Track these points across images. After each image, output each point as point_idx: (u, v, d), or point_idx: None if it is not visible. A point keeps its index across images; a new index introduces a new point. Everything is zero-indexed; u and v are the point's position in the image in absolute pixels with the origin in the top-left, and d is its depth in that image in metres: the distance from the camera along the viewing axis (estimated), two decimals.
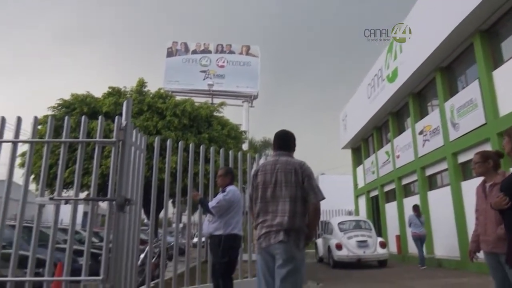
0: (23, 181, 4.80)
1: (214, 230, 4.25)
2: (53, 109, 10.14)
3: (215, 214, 4.28)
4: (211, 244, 4.41)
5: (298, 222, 2.83)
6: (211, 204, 4.32)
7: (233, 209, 4.30)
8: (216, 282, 4.19)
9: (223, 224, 4.21)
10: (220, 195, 4.42)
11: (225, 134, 11.32)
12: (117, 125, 4.61)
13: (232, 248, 4.19)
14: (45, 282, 4.23)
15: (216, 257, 4.22)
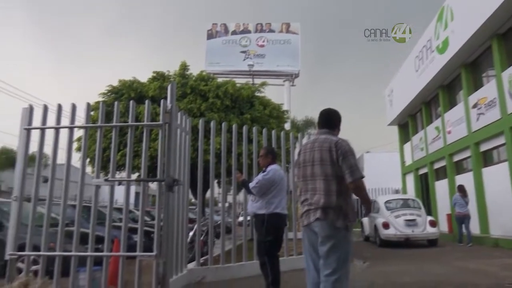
0: (80, 164, 5.13)
1: (257, 209, 4.31)
2: (103, 96, 10.64)
3: (256, 194, 4.33)
4: (256, 223, 4.49)
5: (336, 200, 2.79)
6: (251, 185, 4.37)
7: (275, 188, 4.32)
8: (262, 260, 4.28)
9: (265, 203, 4.25)
10: (260, 175, 4.46)
11: (267, 114, 11.31)
12: (163, 108, 4.78)
13: (276, 226, 4.24)
14: (105, 257, 4.56)
15: (261, 236, 4.29)
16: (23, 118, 4.98)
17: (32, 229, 4.67)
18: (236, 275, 5.54)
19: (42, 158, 4.95)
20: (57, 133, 4.89)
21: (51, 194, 4.80)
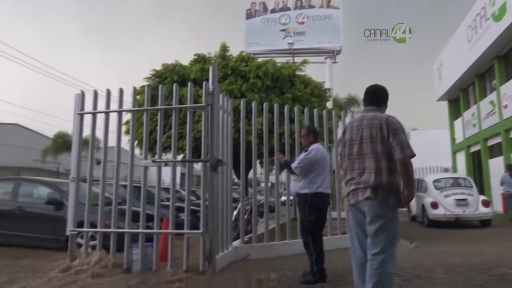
0: (129, 147, 5.38)
1: (300, 188, 4.31)
2: (147, 80, 10.97)
3: (298, 174, 4.32)
4: (298, 202, 4.50)
5: (386, 179, 2.72)
6: (293, 165, 4.35)
7: (317, 167, 4.28)
8: (305, 238, 4.30)
9: (307, 183, 4.24)
10: (302, 154, 4.43)
11: (309, 93, 11.13)
12: (205, 90, 4.86)
13: (318, 206, 4.23)
14: (155, 234, 4.81)
15: (304, 215, 4.31)
16: (76, 103, 5.28)
17: (89, 208, 5.02)
18: (280, 253, 5.64)
19: (94, 142, 5.25)
20: (107, 117, 5.15)
21: (104, 175, 5.11)
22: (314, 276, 4.03)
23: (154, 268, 4.62)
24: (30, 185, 7.36)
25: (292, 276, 4.36)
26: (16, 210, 6.69)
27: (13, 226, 6.57)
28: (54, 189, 6.96)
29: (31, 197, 7.06)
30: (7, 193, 7.06)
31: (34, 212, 6.63)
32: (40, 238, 6.36)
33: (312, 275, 4.06)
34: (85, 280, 4.22)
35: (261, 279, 4.25)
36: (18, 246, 6.40)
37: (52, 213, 6.39)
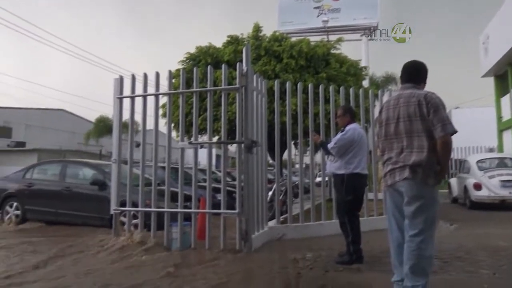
0: (167, 129, 5.53)
1: (336, 169, 4.26)
2: (182, 63, 11.10)
3: (335, 155, 4.26)
4: (335, 183, 4.46)
5: (425, 158, 2.62)
6: (330, 145, 4.29)
7: (354, 148, 4.21)
8: (341, 219, 4.28)
9: (344, 163, 4.18)
10: (338, 134, 4.35)
11: (344, 72, 10.84)
12: (239, 72, 4.86)
13: (355, 186, 4.18)
14: (193, 213, 4.96)
15: (341, 196, 4.27)
16: (115, 88, 5.47)
17: (130, 188, 5.24)
18: (315, 233, 5.66)
19: (134, 125, 5.44)
20: (145, 100, 5.29)
21: (144, 158, 5.30)
22: (351, 256, 4.02)
23: (193, 246, 4.79)
24: (76, 167, 7.77)
25: (328, 256, 4.37)
26: (64, 190, 7.11)
27: (61, 205, 7.00)
28: (97, 170, 7.31)
29: (77, 178, 7.46)
30: (56, 175, 7.50)
31: (80, 192, 7.02)
32: (86, 216, 6.74)
33: (348, 255, 4.05)
34: (129, 256, 4.46)
35: (297, 258, 4.30)
36: (66, 223, 6.82)
37: (96, 193, 6.73)
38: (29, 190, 7.33)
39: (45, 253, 4.73)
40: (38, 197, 7.23)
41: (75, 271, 3.89)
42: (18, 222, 7.09)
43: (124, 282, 3.51)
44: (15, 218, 7.17)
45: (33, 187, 7.35)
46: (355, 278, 3.50)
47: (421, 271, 2.57)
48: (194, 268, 4.07)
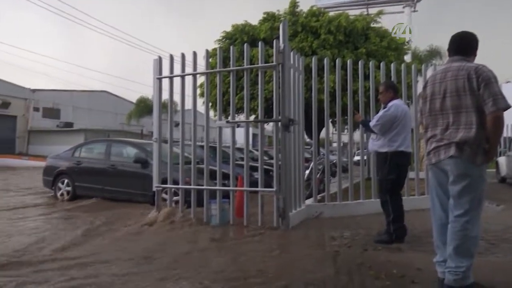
0: (204, 109, 5.61)
1: (379, 147, 4.14)
2: (218, 42, 11.10)
3: (377, 132, 4.14)
4: (377, 161, 4.36)
5: (474, 135, 2.48)
6: (372, 123, 4.17)
7: (398, 125, 4.06)
8: (383, 198, 4.18)
9: (387, 141, 4.05)
10: (380, 111, 4.21)
11: (385, 46, 10.40)
12: (275, 49, 4.80)
13: (399, 165, 4.06)
14: (231, 191, 5.07)
15: (383, 174, 4.16)
16: (154, 69, 5.58)
17: (171, 166, 5.42)
18: (353, 212, 5.61)
19: (173, 104, 5.56)
20: (183, 80, 5.38)
21: (183, 137, 5.43)
22: (390, 236, 3.96)
23: (231, 223, 4.92)
24: (119, 146, 8.12)
25: (366, 235, 4.33)
26: (109, 168, 7.48)
27: (107, 182, 7.38)
28: (140, 149, 7.60)
29: (121, 156, 7.81)
30: (101, 153, 7.89)
31: (124, 169, 7.35)
32: (130, 193, 7.07)
33: (388, 235, 3.99)
34: (171, 230, 4.67)
35: (334, 236, 4.30)
36: (112, 199, 7.20)
37: (139, 171, 7.02)
38: (78, 167, 7.78)
39: (96, 225, 5.04)
40: (86, 174, 7.66)
41: (122, 243, 4.12)
42: (70, 198, 7.57)
43: (168, 252, 3.70)
44: (66, 194, 7.66)
45: (81, 165, 7.78)
46: (394, 257, 3.46)
47: (466, 252, 2.48)
48: (233, 242, 4.20)
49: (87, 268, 3.24)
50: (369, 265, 3.21)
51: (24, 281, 2.91)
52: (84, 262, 3.41)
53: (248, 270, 3.19)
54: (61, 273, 3.12)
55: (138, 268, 3.26)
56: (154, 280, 2.95)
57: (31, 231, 4.80)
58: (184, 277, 3.01)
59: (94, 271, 3.18)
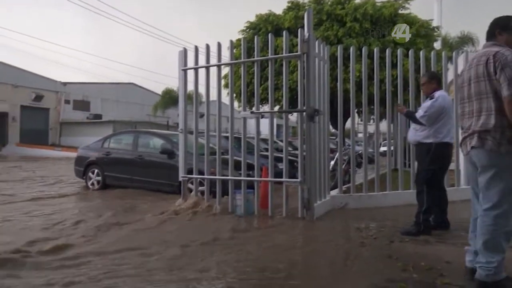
0: (229, 100, 5.63)
1: (423, 138, 4.02)
2: (242, 32, 11.08)
3: (425, 124, 4.03)
4: (418, 152, 4.22)
5: (493, 122, 2.36)
6: (419, 114, 4.05)
7: (445, 116, 3.97)
8: (420, 188, 4.07)
9: (433, 132, 3.95)
10: (427, 102, 4.08)
11: (413, 34, 10.09)
12: (300, 38, 4.74)
13: (442, 156, 3.97)
14: (255, 181, 5.10)
15: (424, 165, 4.05)
16: (179, 60, 5.64)
17: (196, 157, 5.50)
18: (379, 204, 5.52)
19: (198, 95, 5.61)
20: (208, 71, 5.41)
21: (208, 128, 5.49)
22: (418, 227, 3.87)
23: (256, 213, 4.96)
24: (146, 137, 8.29)
25: (392, 226, 4.27)
26: (137, 158, 7.66)
27: (135, 172, 7.57)
28: (166, 140, 7.73)
29: (148, 147, 7.98)
30: (129, 144, 8.09)
31: (151, 160, 7.52)
32: (157, 183, 7.23)
33: (416, 226, 3.90)
34: (196, 219, 4.76)
35: (360, 227, 4.27)
36: (139, 189, 7.38)
37: (165, 161, 7.16)
38: (107, 158, 8.01)
39: (124, 214, 5.20)
40: (115, 164, 7.88)
41: (149, 232, 4.24)
42: (100, 187, 7.82)
43: (194, 239, 3.79)
44: (97, 184, 7.92)
45: (110, 156, 8.01)
46: (422, 250, 3.40)
47: (496, 247, 2.39)
48: (258, 231, 4.24)
49: (116, 255, 3.35)
50: (396, 257, 3.17)
51: (65, 257, 3.07)
52: (115, 249, 3.52)
53: (272, 260, 3.21)
54: (97, 258, 3.25)
55: (162, 256, 3.35)
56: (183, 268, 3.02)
57: (62, 216, 4.99)
58: (210, 267, 3.07)
59: (122, 259, 3.28)
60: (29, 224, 4.68)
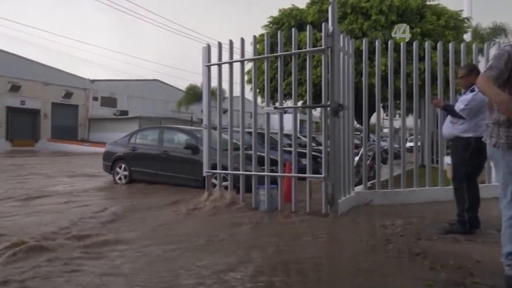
0: (252, 95, 5.64)
1: (461, 132, 3.88)
2: (265, 28, 11.05)
3: (466, 117, 3.90)
4: (456, 146, 4.06)
5: (493, 115, 2.42)
6: (459, 107, 3.91)
7: (485, 109, 3.82)
8: (458, 185, 3.94)
9: (473, 126, 3.81)
10: (468, 95, 3.93)
11: (442, 25, 9.77)
12: (324, 32, 4.69)
13: (482, 151, 3.83)
14: (279, 177, 5.09)
15: (461, 159, 3.91)
16: (203, 56, 5.68)
17: (220, 152, 5.54)
18: (405, 200, 5.41)
19: (222, 91, 5.64)
20: (231, 67, 5.43)
21: (231, 123, 5.51)
22: (464, 225, 3.75)
23: (279, 208, 4.96)
24: (171, 133, 8.42)
25: (419, 224, 4.18)
26: (162, 154, 7.80)
27: (160, 167, 7.70)
28: (190, 136, 7.83)
29: (173, 142, 8.10)
30: (155, 140, 8.24)
31: (176, 155, 7.63)
32: (182, 177, 7.34)
33: (461, 224, 3.78)
34: (221, 214, 4.81)
35: (385, 225, 4.19)
36: (164, 183, 7.52)
37: (190, 157, 7.25)
38: (133, 153, 8.19)
39: (149, 208, 5.32)
40: (141, 159, 8.05)
41: (173, 225, 4.32)
42: (127, 182, 8.02)
43: (217, 234, 3.82)
44: (124, 178, 8.12)
45: (137, 151, 8.19)
46: (451, 248, 3.31)
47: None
48: (281, 227, 4.23)
49: (144, 248, 3.44)
50: (423, 255, 3.09)
51: (92, 246, 3.18)
52: (139, 241, 3.61)
53: (296, 256, 3.21)
54: (131, 247, 3.36)
55: (186, 247, 3.40)
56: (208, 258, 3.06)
57: (93, 209, 5.16)
58: (233, 261, 3.10)
59: (149, 251, 3.36)
60: (63, 215, 4.87)
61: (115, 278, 2.71)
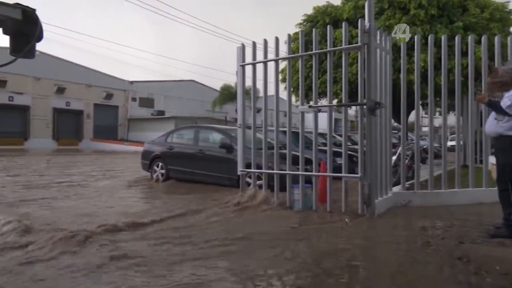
0: (287, 94, 5.62)
1: (507, 129, 3.66)
2: (300, 26, 10.97)
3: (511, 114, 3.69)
4: (500, 145, 3.84)
5: None
6: (505, 103, 3.71)
7: None
8: (504, 186, 3.73)
9: None
10: None
11: (487, 18, 9.26)
12: (360, 29, 4.59)
13: None
14: (313, 176, 5.04)
15: (508, 159, 3.73)
16: (238, 56, 5.73)
17: (254, 151, 5.56)
18: (446, 202, 5.19)
19: (256, 90, 5.66)
20: (266, 66, 5.44)
21: (266, 122, 5.52)
22: (511, 229, 3.56)
23: (314, 208, 4.90)
24: (206, 132, 8.57)
25: (462, 226, 3.99)
26: (198, 152, 7.95)
27: (196, 166, 7.86)
28: (225, 135, 7.93)
29: (208, 142, 8.24)
30: (190, 139, 8.42)
31: (211, 154, 7.75)
32: (217, 176, 7.44)
33: (507, 228, 3.59)
34: (255, 212, 4.83)
35: (425, 226, 4.05)
36: (200, 182, 7.66)
37: (225, 156, 7.34)
38: (170, 152, 8.40)
39: (186, 206, 5.43)
40: (177, 158, 8.25)
41: (208, 220, 4.38)
42: (164, 180, 8.24)
43: (251, 231, 3.86)
44: (161, 176, 8.35)
45: (173, 150, 8.39)
46: (497, 253, 3.14)
47: None
48: (316, 227, 4.19)
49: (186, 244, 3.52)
50: (466, 259, 2.96)
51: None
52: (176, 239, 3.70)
53: (332, 257, 3.16)
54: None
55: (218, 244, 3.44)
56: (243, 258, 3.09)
57: (125, 206, 5.35)
58: (274, 260, 3.11)
59: (190, 245, 3.44)
60: (111, 210, 5.17)
61: None
